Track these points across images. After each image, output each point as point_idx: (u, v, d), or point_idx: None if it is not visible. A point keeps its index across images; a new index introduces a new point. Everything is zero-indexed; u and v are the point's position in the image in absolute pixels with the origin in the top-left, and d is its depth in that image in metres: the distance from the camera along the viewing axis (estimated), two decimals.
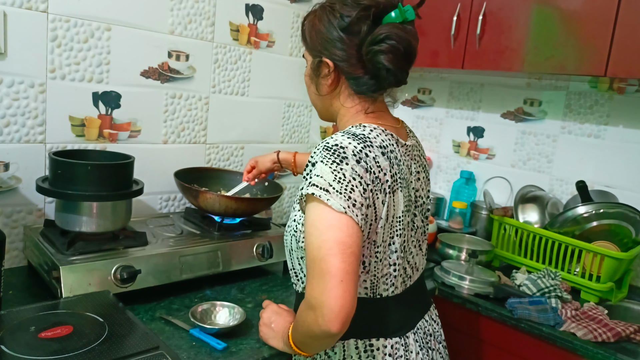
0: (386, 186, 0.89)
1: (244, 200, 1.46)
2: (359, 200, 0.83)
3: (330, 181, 0.82)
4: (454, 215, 2.02)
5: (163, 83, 1.59)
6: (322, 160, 0.85)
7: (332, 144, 0.86)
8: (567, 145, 1.88)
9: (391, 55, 0.88)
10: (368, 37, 0.89)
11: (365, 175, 0.85)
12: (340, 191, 0.82)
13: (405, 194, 0.94)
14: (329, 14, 0.93)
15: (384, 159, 0.89)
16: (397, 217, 0.93)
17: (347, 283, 0.79)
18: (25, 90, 1.31)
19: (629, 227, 1.57)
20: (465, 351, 1.51)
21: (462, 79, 2.16)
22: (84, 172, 1.18)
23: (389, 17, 0.90)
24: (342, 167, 0.83)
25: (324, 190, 0.82)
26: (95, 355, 0.88)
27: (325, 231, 0.81)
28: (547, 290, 1.45)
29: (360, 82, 0.94)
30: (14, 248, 1.36)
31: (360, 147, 0.86)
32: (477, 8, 1.70)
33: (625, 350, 1.24)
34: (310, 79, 1.02)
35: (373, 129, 0.92)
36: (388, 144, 0.92)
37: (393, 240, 0.93)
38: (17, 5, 1.26)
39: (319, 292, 0.79)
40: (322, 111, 1.06)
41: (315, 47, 0.96)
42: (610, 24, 1.43)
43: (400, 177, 0.93)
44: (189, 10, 1.61)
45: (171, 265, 1.25)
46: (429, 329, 1.05)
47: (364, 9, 0.89)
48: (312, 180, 0.84)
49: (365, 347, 0.94)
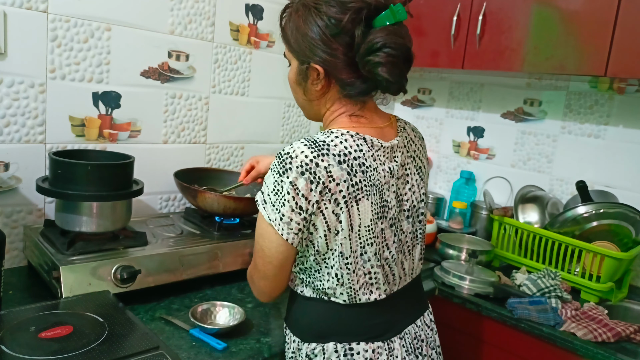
0: (338, 196, 0.85)
1: (243, 200, 1.46)
2: (287, 215, 0.86)
3: (269, 191, 0.88)
4: (454, 215, 2.02)
5: (163, 83, 1.59)
6: (272, 168, 0.88)
7: (285, 153, 0.87)
8: (567, 145, 1.88)
9: (390, 66, 0.85)
10: (362, 45, 0.85)
11: (305, 189, 0.84)
12: (273, 203, 0.87)
13: (374, 200, 0.90)
14: (315, 16, 0.88)
15: (340, 168, 0.85)
16: (364, 226, 0.89)
17: (268, 280, 0.96)
18: (25, 90, 1.31)
19: (629, 227, 1.57)
20: (465, 351, 1.51)
21: (462, 79, 2.16)
22: (84, 172, 1.18)
23: (380, 20, 0.85)
24: (282, 179, 0.86)
25: (262, 200, 0.90)
26: (95, 355, 0.88)
27: (257, 235, 0.94)
28: (547, 290, 1.45)
29: (352, 87, 0.91)
30: (14, 248, 1.36)
31: (311, 157, 0.84)
32: (477, 8, 1.70)
33: (625, 350, 1.24)
34: (297, 84, 0.98)
35: (339, 135, 0.89)
36: (353, 150, 0.88)
37: (364, 249, 0.90)
38: (17, 5, 1.26)
39: (250, 272, 1.02)
40: (309, 113, 1.03)
41: (301, 51, 0.92)
42: (610, 24, 1.43)
43: (366, 185, 0.88)
44: (189, 10, 1.61)
45: (171, 265, 1.25)
46: (420, 334, 1.02)
47: (355, 12, 0.85)
48: (262, 186, 0.91)
49: (344, 350, 0.93)
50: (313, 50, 0.89)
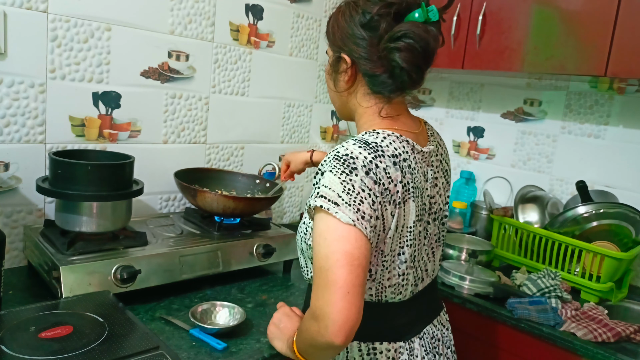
0: (396, 197, 0.86)
1: (242, 200, 1.46)
2: (367, 212, 0.81)
3: (339, 192, 0.81)
4: (454, 215, 2.02)
5: (163, 83, 1.59)
6: (331, 170, 0.83)
7: (343, 154, 0.84)
8: (567, 145, 1.88)
9: (407, 53, 0.86)
10: (387, 34, 0.87)
11: (374, 187, 0.83)
12: (349, 203, 0.80)
13: (418, 203, 0.91)
14: (352, 10, 0.92)
15: (395, 169, 0.86)
16: (407, 227, 0.90)
17: (353, 295, 0.77)
18: (25, 90, 1.31)
19: (629, 227, 1.57)
20: (465, 351, 1.51)
21: (462, 79, 2.16)
22: (84, 172, 1.18)
23: (411, 16, 0.87)
24: (351, 177, 0.81)
25: (332, 203, 0.80)
26: (95, 355, 0.88)
27: (333, 242, 0.80)
28: (547, 290, 1.45)
29: (377, 81, 0.92)
30: (14, 248, 1.36)
31: (370, 158, 0.84)
32: (477, 8, 1.70)
33: (625, 350, 1.24)
34: (329, 75, 1.00)
35: (387, 136, 0.89)
36: (402, 151, 0.89)
37: (403, 250, 0.91)
38: (17, 5, 1.26)
39: (324, 303, 0.78)
40: (340, 109, 1.04)
41: (335, 42, 0.95)
42: (610, 24, 1.43)
43: (412, 187, 0.90)
44: (189, 10, 1.61)
45: (171, 265, 1.25)
46: (437, 333, 1.04)
47: (385, 6, 0.88)
48: (320, 191, 0.83)
49: (368, 350, 0.94)
50: (344, 40, 0.93)
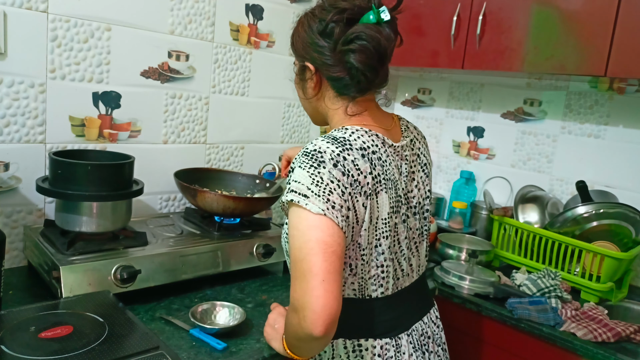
0: (367, 188, 0.88)
1: (242, 200, 1.46)
2: (338, 202, 0.83)
3: (308, 185, 0.84)
4: (454, 215, 2.02)
5: (163, 83, 1.59)
6: (300, 166, 0.86)
7: (311, 149, 0.87)
8: (567, 145, 1.88)
9: (360, 54, 0.89)
10: (342, 38, 0.91)
11: (342, 179, 0.85)
12: (318, 194, 0.83)
13: (391, 194, 0.93)
14: (310, 20, 0.96)
15: (364, 161, 0.89)
16: (382, 218, 0.92)
17: (329, 283, 0.78)
18: (25, 90, 1.31)
19: (629, 227, 1.57)
20: (465, 351, 1.51)
21: (462, 79, 2.16)
22: (84, 172, 1.18)
23: (365, 18, 0.91)
24: (319, 170, 0.84)
25: (302, 196, 0.83)
26: (95, 355, 0.88)
27: (305, 232, 0.82)
28: (547, 290, 1.45)
29: (341, 84, 0.95)
30: (14, 248, 1.36)
31: (338, 151, 0.87)
32: (477, 8, 1.70)
33: (625, 350, 1.24)
34: (297, 84, 1.05)
35: (355, 131, 0.92)
36: (371, 144, 0.92)
37: (379, 242, 0.93)
38: (17, 5, 1.26)
39: (301, 293, 0.79)
40: (312, 115, 1.07)
41: (299, 52, 0.99)
42: (610, 24, 1.43)
43: (384, 179, 0.92)
44: (189, 10, 1.61)
45: (171, 265, 1.25)
46: (427, 331, 1.05)
47: (338, 12, 0.91)
48: (291, 186, 0.86)
49: (353, 347, 0.94)
50: (306, 49, 0.97)
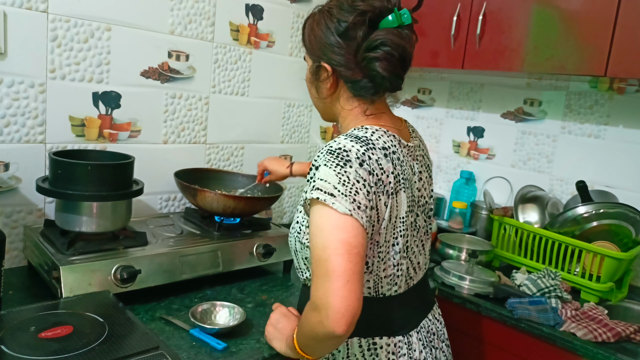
0: (389, 188, 0.89)
1: (242, 200, 1.46)
2: (363, 203, 0.83)
3: (335, 184, 0.83)
4: (454, 215, 2.02)
5: (163, 83, 1.59)
6: (326, 164, 0.85)
7: (336, 147, 0.86)
8: (567, 145, 1.88)
9: (386, 62, 0.89)
10: (364, 43, 0.90)
11: (368, 178, 0.85)
12: (345, 193, 0.82)
13: (408, 194, 0.94)
14: (326, 19, 0.94)
15: (387, 160, 0.90)
16: (400, 217, 0.93)
17: (352, 283, 0.78)
18: (25, 90, 1.31)
19: (629, 227, 1.57)
20: (465, 351, 1.51)
21: (462, 79, 2.16)
22: (84, 172, 1.18)
23: (385, 22, 0.90)
24: (346, 169, 0.84)
25: (328, 194, 0.82)
26: (95, 355, 0.88)
27: (330, 232, 0.81)
28: (547, 290, 1.45)
29: (358, 86, 0.95)
30: (14, 248, 1.36)
31: (363, 150, 0.87)
32: (477, 8, 1.70)
33: (625, 350, 1.24)
34: (310, 83, 1.03)
35: (375, 131, 0.93)
36: (390, 145, 0.92)
37: (397, 240, 0.94)
38: (17, 5, 1.26)
39: (325, 293, 0.78)
40: (323, 113, 1.07)
41: (314, 52, 0.98)
42: (610, 24, 1.43)
43: (403, 178, 0.93)
44: (189, 10, 1.61)
45: (171, 265, 1.25)
46: (432, 327, 1.06)
47: (360, 14, 0.90)
48: (316, 184, 0.84)
49: (368, 345, 0.95)
50: (322, 49, 0.95)
